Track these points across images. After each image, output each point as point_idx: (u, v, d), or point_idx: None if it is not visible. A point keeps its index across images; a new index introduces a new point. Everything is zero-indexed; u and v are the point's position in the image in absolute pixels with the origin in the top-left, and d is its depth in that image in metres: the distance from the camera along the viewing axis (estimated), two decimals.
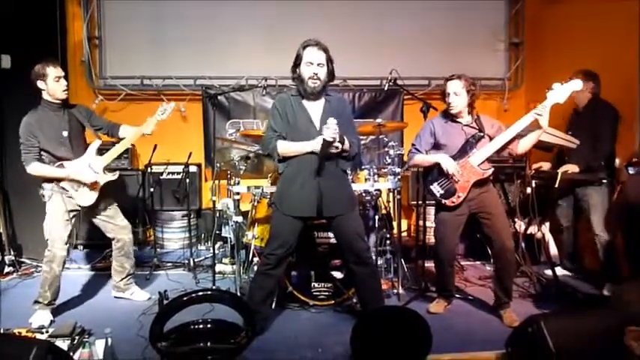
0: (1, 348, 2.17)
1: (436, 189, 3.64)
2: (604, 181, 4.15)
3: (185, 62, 6.16)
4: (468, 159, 3.55)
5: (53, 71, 3.62)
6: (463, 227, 3.70)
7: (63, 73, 3.70)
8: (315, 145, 3.15)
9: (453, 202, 3.59)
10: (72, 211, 3.74)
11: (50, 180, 3.68)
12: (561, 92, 3.38)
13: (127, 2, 6.09)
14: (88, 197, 3.76)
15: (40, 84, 3.63)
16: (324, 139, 3.08)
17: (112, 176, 3.88)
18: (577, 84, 3.40)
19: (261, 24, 6.17)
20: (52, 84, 3.62)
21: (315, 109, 3.29)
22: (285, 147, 3.26)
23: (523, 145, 3.56)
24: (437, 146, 3.70)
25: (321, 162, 3.18)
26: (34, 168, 3.63)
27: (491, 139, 3.58)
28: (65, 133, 3.72)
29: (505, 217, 3.70)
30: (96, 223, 3.98)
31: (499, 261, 3.66)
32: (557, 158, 4.48)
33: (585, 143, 4.19)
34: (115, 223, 3.97)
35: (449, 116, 3.68)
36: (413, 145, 3.81)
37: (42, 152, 3.66)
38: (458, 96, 3.55)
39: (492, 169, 3.60)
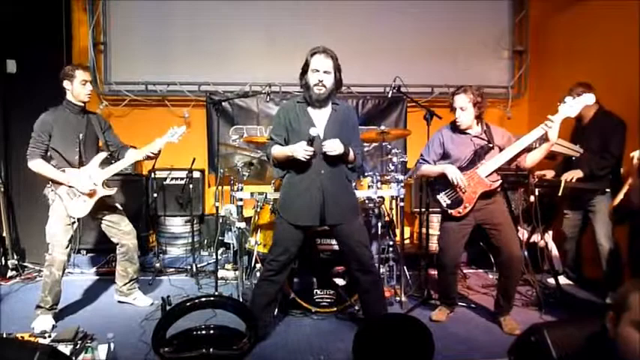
0: (3, 352, 2.17)
1: (443, 199, 3.64)
2: (607, 190, 4.15)
3: (189, 68, 6.19)
4: (476, 170, 3.54)
5: (82, 74, 3.74)
6: (468, 237, 3.69)
7: (90, 78, 3.82)
8: (293, 149, 3.13)
9: (459, 213, 3.58)
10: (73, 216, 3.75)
11: (52, 182, 3.70)
12: (573, 106, 3.38)
13: (133, 9, 6.14)
14: (81, 208, 3.75)
15: (66, 84, 3.74)
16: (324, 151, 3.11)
17: (110, 191, 3.88)
18: (590, 98, 3.39)
19: (265, 31, 6.21)
20: (78, 86, 3.74)
21: (320, 116, 3.28)
22: (276, 151, 3.29)
23: (532, 159, 3.53)
24: (445, 157, 3.69)
25: (312, 163, 3.19)
26: (36, 164, 3.66)
27: (500, 149, 3.57)
28: (81, 136, 3.78)
29: (512, 226, 3.68)
30: (102, 227, 4.00)
31: (506, 270, 3.64)
32: (562, 167, 4.47)
33: (592, 153, 4.19)
34: (119, 229, 3.98)
35: (458, 127, 3.66)
36: (421, 155, 3.80)
37: (52, 152, 3.70)
38: (464, 111, 3.53)
39: (500, 180, 3.59)
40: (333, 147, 3.10)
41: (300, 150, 3.09)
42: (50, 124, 3.68)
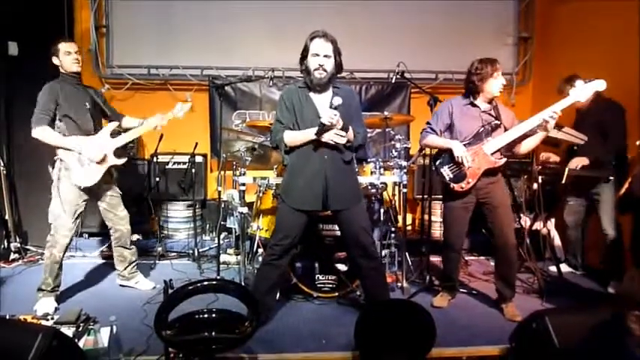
0: (7, 334, 2.18)
1: (446, 172, 3.62)
2: (611, 178, 4.13)
3: (192, 52, 6.15)
4: (482, 146, 3.53)
5: (64, 46, 3.76)
6: (470, 217, 3.69)
7: (73, 48, 3.79)
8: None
9: (462, 188, 3.56)
10: (82, 195, 3.74)
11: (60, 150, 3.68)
12: (584, 91, 3.37)
13: None
14: (91, 176, 3.72)
15: (55, 60, 3.77)
16: (321, 122, 3.07)
17: (120, 160, 3.87)
18: (601, 84, 3.37)
19: (269, 15, 6.15)
20: (63, 57, 3.76)
21: (322, 101, 3.26)
22: (291, 137, 3.26)
23: (526, 145, 3.55)
24: (451, 127, 3.67)
25: (319, 143, 3.17)
26: (42, 131, 3.60)
27: (506, 129, 3.56)
28: (87, 105, 3.81)
29: (510, 211, 3.69)
30: (100, 209, 4.00)
31: (500, 255, 3.66)
32: (567, 153, 4.44)
33: (594, 139, 4.17)
34: (115, 213, 3.99)
35: (469, 99, 3.65)
36: (428, 124, 3.77)
37: (66, 121, 3.68)
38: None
39: (504, 159, 3.57)
40: (329, 117, 3.05)
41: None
42: (57, 92, 3.68)
